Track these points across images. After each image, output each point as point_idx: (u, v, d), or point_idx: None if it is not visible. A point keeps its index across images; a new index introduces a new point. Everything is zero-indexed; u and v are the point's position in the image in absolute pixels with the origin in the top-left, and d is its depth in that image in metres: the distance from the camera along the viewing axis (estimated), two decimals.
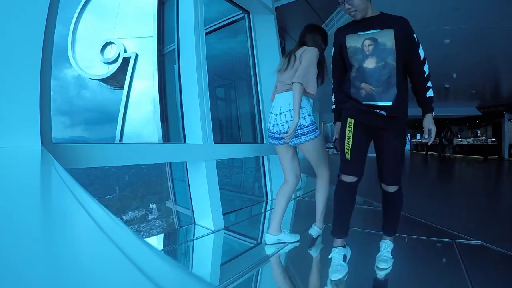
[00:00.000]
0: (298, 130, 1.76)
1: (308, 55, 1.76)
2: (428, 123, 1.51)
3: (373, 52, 1.49)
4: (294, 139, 1.79)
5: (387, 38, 1.47)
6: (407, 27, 1.49)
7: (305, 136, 1.77)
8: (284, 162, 1.91)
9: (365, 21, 1.52)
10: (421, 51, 1.50)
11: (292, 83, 1.71)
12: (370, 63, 1.50)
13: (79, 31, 6.01)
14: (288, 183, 1.91)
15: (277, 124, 1.80)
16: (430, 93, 1.52)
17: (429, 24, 5.57)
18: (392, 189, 1.59)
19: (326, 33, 1.96)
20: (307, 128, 1.77)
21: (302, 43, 1.88)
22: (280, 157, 1.92)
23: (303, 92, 1.71)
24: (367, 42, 1.51)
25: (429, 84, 1.52)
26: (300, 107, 1.71)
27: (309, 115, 1.80)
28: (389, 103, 1.47)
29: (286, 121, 1.76)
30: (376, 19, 1.51)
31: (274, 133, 1.84)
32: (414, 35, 1.49)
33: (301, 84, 1.69)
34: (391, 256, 1.61)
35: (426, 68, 1.51)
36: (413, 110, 1.63)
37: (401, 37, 1.45)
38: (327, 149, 2.04)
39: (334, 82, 1.72)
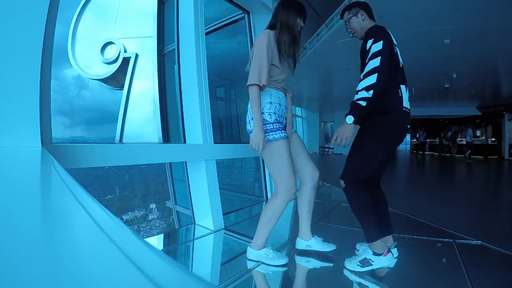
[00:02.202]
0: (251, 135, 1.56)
1: (254, 49, 1.54)
2: (340, 127, 1.44)
3: None
4: None
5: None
6: (367, 36, 1.47)
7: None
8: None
9: None
10: (369, 56, 1.40)
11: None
12: None
13: (79, 31, 6.01)
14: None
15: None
16: (358, 96, 1.39)
17: (429, 24, 5.56)
18: (342, 183, 1.56)
19: (301, 5, 1.60)
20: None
21: (272, 26, 1.59)
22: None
23: (260, 89, 1.49)
24: None
25: (359, 87, 1.39)
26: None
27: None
28: None
29: (249, 122, 1.60)
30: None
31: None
32: (369, 41, 1.42)
33: (250, 85, 1.47)
34: (359, 264, 1.47)
35: (362, 75, 1.41)
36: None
37: (361, 50, 1.52)
38: (325, 150, 1.97)
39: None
